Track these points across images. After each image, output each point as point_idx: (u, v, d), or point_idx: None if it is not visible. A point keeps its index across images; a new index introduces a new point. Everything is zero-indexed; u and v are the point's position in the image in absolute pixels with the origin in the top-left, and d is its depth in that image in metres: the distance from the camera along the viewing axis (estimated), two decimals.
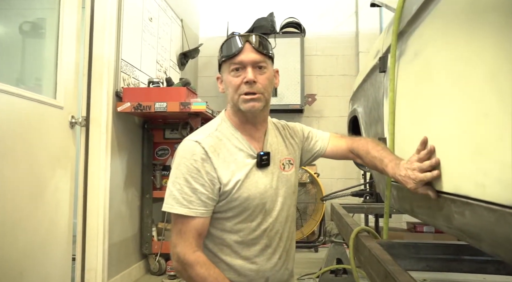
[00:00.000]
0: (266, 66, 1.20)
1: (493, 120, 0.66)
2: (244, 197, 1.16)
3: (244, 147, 1.22)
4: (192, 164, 1.14)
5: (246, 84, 1.15)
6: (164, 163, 2.87)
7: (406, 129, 1.22)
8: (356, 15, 4.18)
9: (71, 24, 2.16)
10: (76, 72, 2.19)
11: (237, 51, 1.16)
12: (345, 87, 4.03)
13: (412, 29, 1.16)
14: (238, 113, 1.22)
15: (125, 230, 2.58)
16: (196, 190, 1.13)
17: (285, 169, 1.29)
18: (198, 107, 2.35)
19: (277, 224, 1.23)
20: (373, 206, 2.57)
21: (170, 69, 3.39)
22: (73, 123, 2.15)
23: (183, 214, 1.12)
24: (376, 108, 1.61)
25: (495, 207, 0.66)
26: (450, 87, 0.85)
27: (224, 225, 1.19)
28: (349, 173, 3.96)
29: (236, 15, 4.28)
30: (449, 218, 0.89)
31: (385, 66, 1.45)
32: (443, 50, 0.91)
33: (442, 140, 0.91)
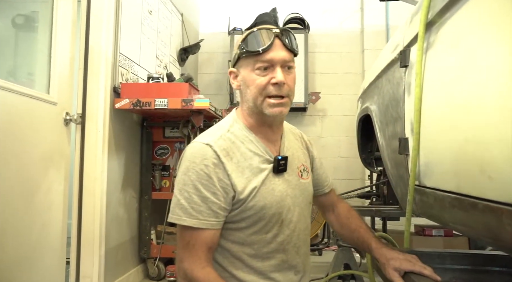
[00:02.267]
0: (293, 66, 1.10)
1: None
2: (260, 205, 1.05)
3: (260, 151, 1.11)
4: (202, 170, 1.02)
5: (275, 86, 1.04)
6: (163, 163, 2.75)
7: (433, 128, 1.11)
8: (362, 11, 4.08)
9: (66, 16, 2.04)
10: (71, 66, 2.07)
11: (266, 47, 1.03)
12: (349, 86, 3.93)
13: (444, 18, 1.05)
14: (255, 115, 1.11)
15: (122, 233, 2.46)
16: (207, 199, 1.01)
17: (302, 176, 1.18)
18: (201, 104, 2.23)
19: (294, 237, 1.12)
20: (381, 209, 2.46)
21: (170, 65, 3.27)
22: (68, 121, 2.02)
23: (191, 226, 1.00)
24: (394, 106, 1.50)
25: None
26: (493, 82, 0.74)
27: (236, 237, 1.07)
28: (353, 174, 3.86)
29: (238, 10, 4.16)
30: (497, 230, 0.78)
31: (407, 60, 1.34)
32: (487, 39, 0.80)
33: (480, 142, 0.80)
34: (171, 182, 2.69)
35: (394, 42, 1.58)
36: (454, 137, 0.96)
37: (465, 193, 0.92)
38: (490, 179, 0.80)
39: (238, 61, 1.11)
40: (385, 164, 1.72)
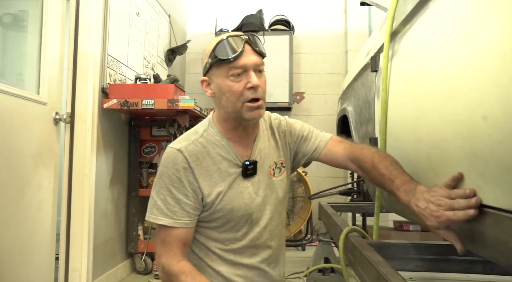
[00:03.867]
0: (263, 68, 1.14)
1: (492, 123, 0.65)
2: (228, 208, 1.12)
3: (229, 155, 1.16)
4: (174, 174, 1.10)
5: (250, 90, 1.07)
6: (151, 161, 2.83)
7: (398, 129, 1.21)
8: (345, 13, 4.18)
9: (55, 17, 2.10)
10: (60, 68, 2.13)
11: (237, 55, 1.05)
12: (333, 86, 4.03)
13: (406, 29, 1.15)
14: (231, 120, 1.15)
15: (110, 229, 2.53)
16: (180, 200, 1.10)
17: (275, 174, 1.23)
18: (186, 104, 2.32)
19: (265, 233, 1.19)
20: (360, 205, 2.58)
21: (158, 65, 3.34)
22: (57, 120, 2.09)
23: (166, 225, 1.09)
24: (367, 107, 1.60)
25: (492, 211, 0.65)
26: (445, 89, 0.84)
27: (209, 234, 1.16)
28: (337, 172, 3.96)
29: (225, 11, 4.24)
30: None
31: (377, 65, 1.44)
32: (438, 50, 0.90)
33: (435, 144, 0.90)
34: None
35: (367, 48, 1.69)
36: (412, 137, 1.07)
37: None
38: (436, 175, 0.90)
39: (210, 69, 1.12)
40: None
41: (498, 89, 0.62)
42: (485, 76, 0.66)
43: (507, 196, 0.62)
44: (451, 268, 1.37)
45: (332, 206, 2.38)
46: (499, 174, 0.64)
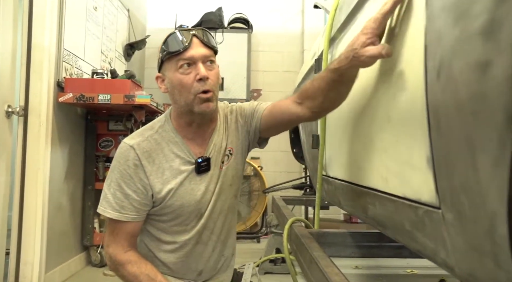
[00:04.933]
0: (214, 61, 1.15)
1: (394, 125, 0.76)
2: (178, 205, 1.15)
3: (183, 153, 1.17)
4: (125, 169, 1.12)
5: (200, 82, 1.08)
6: (107, 155, 2.84)
7: (334, 128, 1.32)
8: (303, 13, 4.31)
9: (7, 9, 2.07)
10: (12, 60, 2.11)
11: (185, 46, 1.08)
12: (289, 83, 4.15)
13: (341, 36, 1.27)
14: (184, 115, 1.16)
15: (65, 222, 2.54)
16: (129, 195, 1.12)
17: (224, 163, 1.24)
18: (143, 100, 2.36)
19: (209, 222, 1.22)
20: (311, 198, 2.71)
21: (116, 60, 3.34)
22: (10, 113, 2.08)
23: (114, 218, 1.12)
24: None
25: (394, 198, 0.77)
26: (366, 90, 0.96)
27: (159, 226, 1.20)
28: (292, 167, 4.10)
29: (185, 7, 4.27)
30: (365, 208, 1.01)
31: (320, 68, 1.56)
32: None
33: (358, 137, 1.02)
34: None
35: (313, 51, 1.81)
36: (344, 134, 1.19)
37: (349, 180, 1.15)
38: (359, 169, 1.03)
39: (163, 65, 1.14)
40: (305, 158, 1.96)
41: (410, 89, 0.74)
42: (401, 79, 0.78)
43: (404, 186, 0.74)
44: (383, 253, 1.51)
45: (285, 199, 2.49)
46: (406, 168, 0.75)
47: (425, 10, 0.61)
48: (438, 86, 0.55)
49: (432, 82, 0.57)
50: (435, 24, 0.56)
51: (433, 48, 0.57)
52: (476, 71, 0.46)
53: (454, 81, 0.51)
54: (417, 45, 0.63)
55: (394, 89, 0.75)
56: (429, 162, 0.59)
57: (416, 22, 0.65)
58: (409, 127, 0.67)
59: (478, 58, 0.46)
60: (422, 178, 0.62)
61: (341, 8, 1.28)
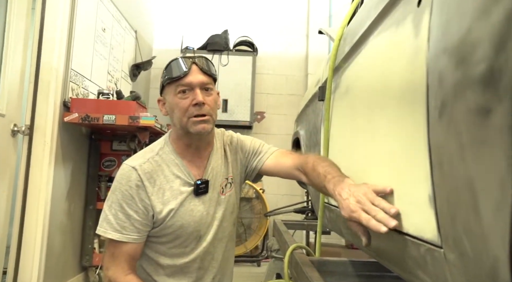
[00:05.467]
0: (212, 88, 1.21)
1: (396, 160, 0.77)
2: (178, 225, 1.17)
3: (182, 174, 1.21)
4: (127, 190, 1.14)
5: (195, 106, 1.14)
6: (110, 174, 2.85)
7: (337, 156, 1.33)
8: (307, 38, 4.37)
9: (19, 28, 2.12)
10: (21, 80, 2.16)
11: (184, 72, 1.15)
12: (293, 106, 4.18)
13: (345, 66, 1.29)
14: (183, 137, 1.22)
15: (65, 242, 2.52)
16: (130, 216, 1.14)
17: (223, 192, 1.29)
18: (147, 121, 2.38)
19: (210, 247, 1.24)
20: (312, 223, 2.70)
21: (122, 80, 3.38)
22: (15, 132, 2.10)
23: (115, 239, 1.13)
24: (315, 133, 1.73)
25: (396, 233, 0.77)
26: (369, 123, 0.97)
27: (158, 249, 1.21)
28: (294, 190, 4.09)
29: (191, 29, 4.34)
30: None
31: (323, 95, 1.57)
32: (365, 88, 1.03)
33: (362, 169, 1.03)
34: None
35: (317, 77, 1.83)
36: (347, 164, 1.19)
37: None
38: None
39: (164, 89, 1.21)
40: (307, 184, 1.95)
41: (411, 126, 0.74)
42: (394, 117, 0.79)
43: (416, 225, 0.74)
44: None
45: (286, 223, 2.48)
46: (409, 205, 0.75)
47: (427, 50, 0.62)
48: (440, 127, 0.56)
49: (434, 122, 0.58)
50: (437, 65, 0.57)
51: (435, 88, 0.58)
52: (477, 116, 0.47)
53: (456, 123, 0.52)
54: (419, 84, 0.64)
55: (397, 125, 0.75)
56: (431, 201, 0.60)
57: (419, 61, 0.66)
58: (412, 164, 0.68)
59: (479, 103, 0.46)
60: (424, 215, 0.63)
61: (345, 39, 1.30)
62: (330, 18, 4.31)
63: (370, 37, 1.02)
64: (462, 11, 0.51)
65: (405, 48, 0.74)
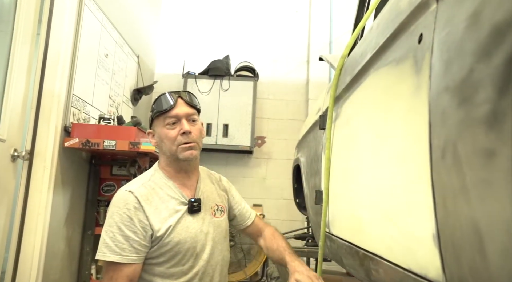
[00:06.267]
0: (197, 118, 1.35)
1: (399, 196, 0.76)
2: (175, 241, 1.23)
3: (176, 195, 1.30)
4: (125, 213, 1.20)
5: (183, 135, 1.27)
6: (109, 199, 2.82)
7: (338, 185, 1.32)
8: (308, 63, 4.42)
9: (23, 54, 2.14)
10: (23, 106, 2.16)
11: (171, 106, 1.28)
12: (293, 131, 4.19)
13: (346, 96, 1.29)
14: (172, 163, 1.33)
15: (62, 268, 2.48)
16: (129, 237, 1.18)
17: (216, 215, 1.38)
18: (147, 147, 2.38)
19: (208, 267, 1.29)
20: (313, 250, 2.66)
21: (123, 104, 3.40)
22: (15, 157, 2.10)
23: (115, 261, 1.16)
24: (316, 161, 1.73)
25: (399, 269, 0.75)
26: (368, 155, 0.96)
27: (156, 270, 1.24)
28: (295, 215, 4.05)
29: (193, 54, 4.39)
30: (368, 273, 0.98)
31: (324, 124, 1.57)
32: (365, 121, 1.03)
33: (362, 201, 1.02)
34: None
35: (318, 106, 1.83)
36: (348, 195, 1.18)
37: (352, 242, 1.13)
38: (363, 232, 1.01)
39: (153, 122, 1.34)
40: (308, 211, 1.94)
41: (414, 163, 0.74)
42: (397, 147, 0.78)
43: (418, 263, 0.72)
44: None
45: None
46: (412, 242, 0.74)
47: (428, 88, 0.62)
48: (443, 166, 0.55)
49: (437, 161, 0.57)
50: (439, 104, 0.57)
51: (438, 127, 0.57)
52: (482, 157, 0.46)
53: (459, 163, 0.51)
54: (422, 121, 0.64)
55: (399, 160, 0.75)
56: (435, 240, 0.59)
57: (421, 98, 0.66)
58: (415, 201, 0.67)
59: (483, 144, 0.46)
60: (428, 254, 0.61)
61: (346, 69, 1.31)
62: (330, 44, 4.37)
63: (370, 70, 1.03)
64: (463, 51, 0.51)
65: (406, 83, 0.74)
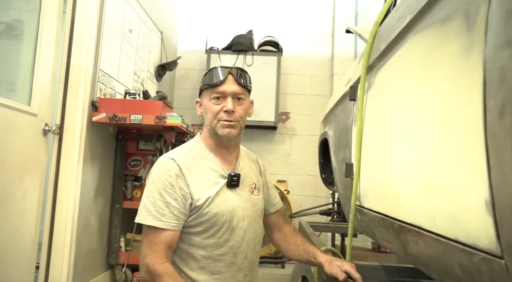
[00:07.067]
0: (245, 97, 1.32)
1: (445, 161, 0.73)
2: (213, 213, 1.23)
3: (216, 167, 1.31)
4: (166, 179, 1.21)
5: (225, 113, 1.26)
6: (136, 174, 2.87)
7: (370, 157, 1.29)
8: (333, 38, 4.31)
9: (51, 30, 2.16)
10: (52, 80, 2.19)
11: (220, 81, 1.27)
12: (318, 107, 4.13)
13: (380, 64, 1.25)
14: (213, 137, 1.32)
15: (92, 240, 2.55)
16: (169, 203, 1.19)
17: (253, 193, 1.37)
18: (173, 121, 2.38)
19: (243, 243, 1.29)
20: (339, 225, 2.65)
21: (147, 80, 3.40)
22: (46, 131, 2.14)
23: (155, 226, 1.18)
24: (345, 133, 1.69)
25: (443, 240, 0.73)
26: (407, 124, 0.92)
27: (192, 240, 1.24)
28: (319, 191, 4.04)
29: (216, 30, 4.34)
30: (405, 245, 0.96)
31: (355, 95, 1.53)
32: (403, 89, 0.99)
33: (399, 172, 0.98)
34: (142, 192, 2.78)
35: (347, 77, 1.78)
36: (383, 165, 1.15)
37: (386, 213, 1.10)
38: (400, 203, 0.98)
39: (202, 92, 1.35)
40: (337, 185, 1.91)
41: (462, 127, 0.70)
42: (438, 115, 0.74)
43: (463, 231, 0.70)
44: None
45: (312, 225, 2.44)
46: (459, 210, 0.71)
47: (483, 45, 0.58)
48: (500, 127, 0.52)
49: (493, 122, 0.54)
50: (497, 61, 0.53)
51: (495, 86, 0.53)
52: None
53: None
54: (474, 81, 0.59)
55: (444, 126, 0.71)
56: (489, 207, 0.56)
57: (473, 57, 0.61)
58: (463, 167, 0.63)
59: None
60: (480, 222, 0.58)
61: (380, 36, 1.26)
62: (356, 17, 4.24)
63: (409, 34, 0.98)
64: None
65: (454, 44, 0.69)
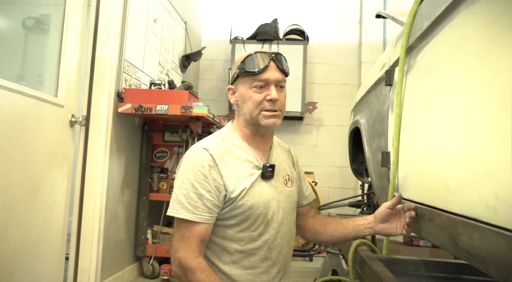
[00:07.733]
0: (285, 85, 1.25)
1: (507, 142, 0.65)
2: (248, 205, 1.17)
3: (251, 157, 1.24)
4: (199, 170, 1.15)
5: (269, 102, 1.19)
6: (162, 166, 2.85)
7: (410, 144, 1.21)
8: (360, 25, 4.19)
9: (76, 22, 2.14)
10: (78, 71, 2.17)
11: (262, 68, 1.18)
12: (345, 97, 4.03)
13: (422, 45, 1.16)
14: (250, 126, 1.25)
15: (120, 232, 2.55)
16: (202, 196, 1.14)
17: (287, 185, 1.30)
18: (200, 111, 2.34)
19: (278, 237, 1.23)
20: None
21: (172, 71, 3.37)
22: (73, 122, 2.13)
23: (188, 219, 1.12)
24: (380, 121, 1.60)
25: (506, 233, 0.65)
26: (460, 107, 0.84)
27: (225, 233, 1.19)
28: (347, 183, 3.95)
29: (240, 19, 4.27)
30: (455, 239, 0.88)
31: (391, 79, 1.44)
32: (454, 68, 0.90)
33: (449, 159, 0.90)
34: (168, 184, 2.78)
35: (382, 61, 1.69)
36: (427, 153, 1.06)
37: (432, 204, 1.02)
38: (449, 193, 0.90)
39: (237, 79, 1.24)
40: (371, 175, 1.82)
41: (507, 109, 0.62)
42: (501, 95, 0.66)
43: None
44: None
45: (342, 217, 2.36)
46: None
47: None
48: None
49: None
50: None
51: None
52: None
53: None
54: None
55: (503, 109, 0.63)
56: None
57: None
58: None
59: None
60: None
61: (422, 14, 1.17)
62: (384, 2, 4.09)
63: (460, 7, 0.89)
64: None
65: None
